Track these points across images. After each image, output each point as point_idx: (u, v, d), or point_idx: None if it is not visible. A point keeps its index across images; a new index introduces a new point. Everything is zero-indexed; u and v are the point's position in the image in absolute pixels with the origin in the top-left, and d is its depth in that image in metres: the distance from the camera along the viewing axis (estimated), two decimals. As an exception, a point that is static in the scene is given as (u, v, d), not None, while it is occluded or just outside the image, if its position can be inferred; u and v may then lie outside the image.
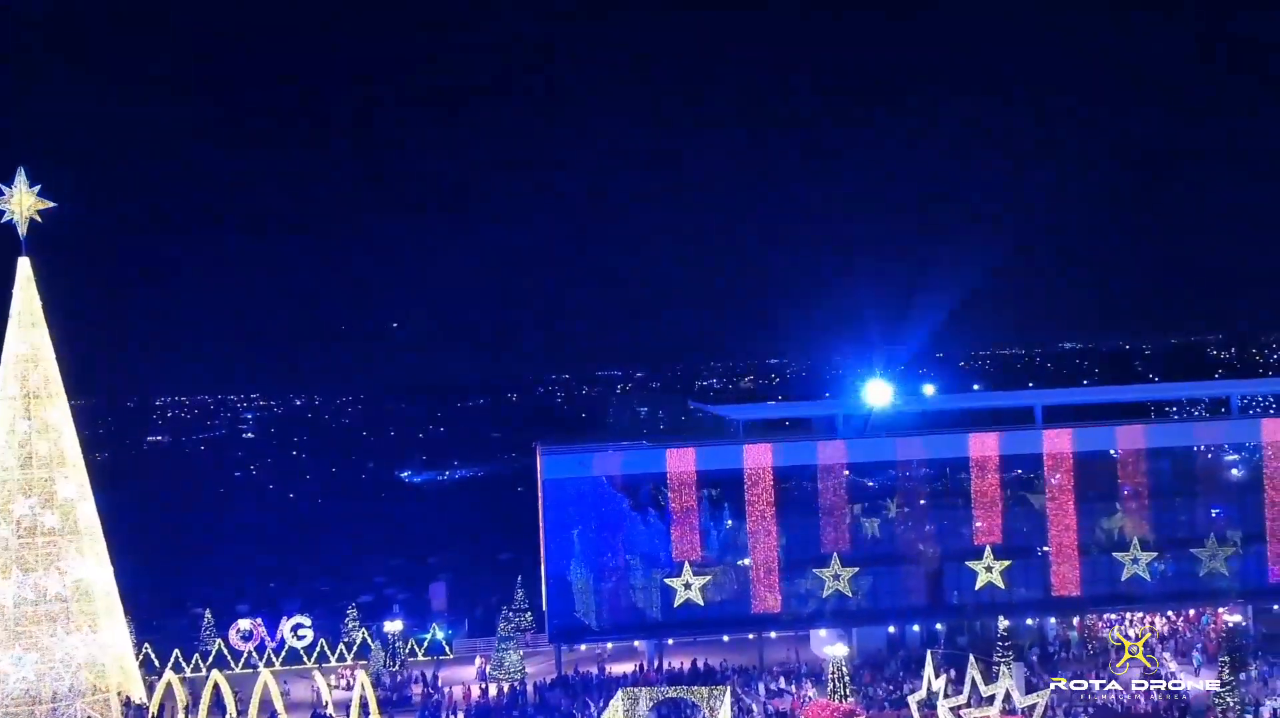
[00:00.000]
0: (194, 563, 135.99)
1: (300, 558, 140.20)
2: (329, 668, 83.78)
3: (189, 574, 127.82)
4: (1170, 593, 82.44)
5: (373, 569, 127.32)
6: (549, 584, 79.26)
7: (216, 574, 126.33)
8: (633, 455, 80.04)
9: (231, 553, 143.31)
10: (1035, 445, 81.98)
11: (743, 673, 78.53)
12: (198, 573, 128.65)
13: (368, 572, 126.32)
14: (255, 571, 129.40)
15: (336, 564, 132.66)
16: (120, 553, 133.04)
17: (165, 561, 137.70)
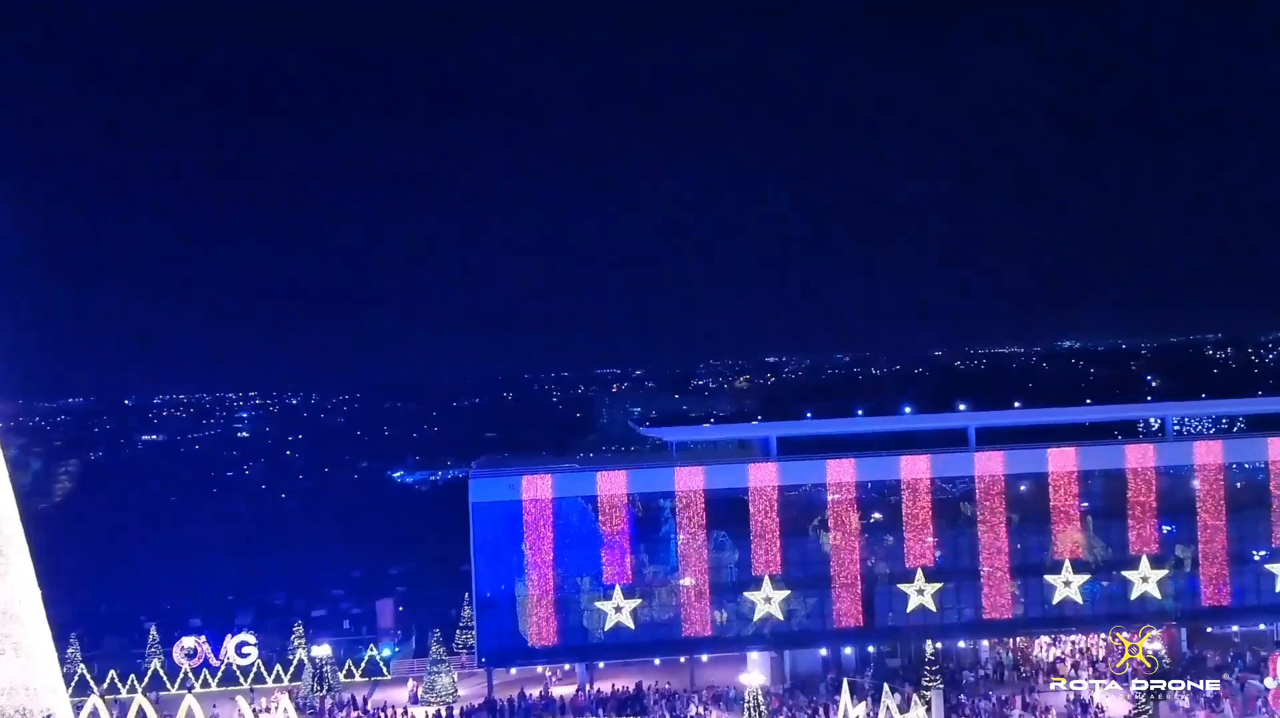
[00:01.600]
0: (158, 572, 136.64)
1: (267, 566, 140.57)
2: (266, 689, 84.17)
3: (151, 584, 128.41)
4: (1102, 616, 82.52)
5: (333, 580, 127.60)
6: (479, 607, 79.64)
7: (177, 585, 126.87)
8: (563, 478, 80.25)
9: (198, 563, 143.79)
10: (967, 468, 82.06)
11: (669, 699, 78.87)
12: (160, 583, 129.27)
13: (328, 583, 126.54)
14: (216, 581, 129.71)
15: (299, 575, 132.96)
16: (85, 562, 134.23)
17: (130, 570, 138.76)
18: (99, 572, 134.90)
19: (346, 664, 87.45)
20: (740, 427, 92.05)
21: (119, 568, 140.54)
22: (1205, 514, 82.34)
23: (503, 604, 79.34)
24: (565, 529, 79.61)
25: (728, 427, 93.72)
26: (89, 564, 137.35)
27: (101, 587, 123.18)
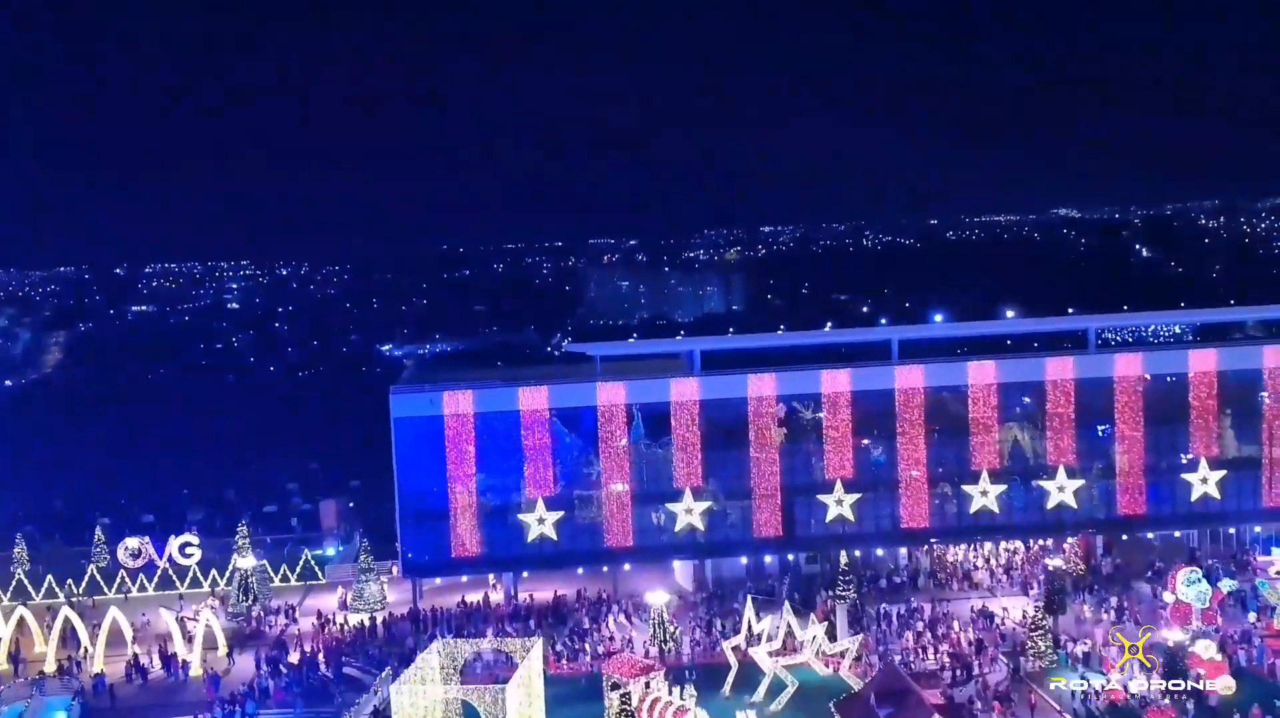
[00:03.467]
0: (122, 462, 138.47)
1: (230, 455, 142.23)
2: (203, 595, 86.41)
3: (112, 476, 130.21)
4: (1018, 525, 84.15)
5: (292, 472, 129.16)
6: (402, 520, 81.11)
7: (137, 476, 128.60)
8: (484, 394, 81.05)
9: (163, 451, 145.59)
10: (887, 381, 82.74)
11: (592, 607, 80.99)
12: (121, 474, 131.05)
13: (287, 474, 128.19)
14: (177, 472, 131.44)
15: (260, 464, 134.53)
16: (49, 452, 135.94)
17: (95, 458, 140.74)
18: (62, 461, 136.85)
19: (282, 569, 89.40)
20: (663, 342, 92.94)
21: (82, 456, 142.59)
22: (1123, 425, 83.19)
23: (426, 517, 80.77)
24: (487, 444, 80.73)
25: (651, 342, 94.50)
26: (52, 454, 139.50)
27: (60, 479, 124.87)
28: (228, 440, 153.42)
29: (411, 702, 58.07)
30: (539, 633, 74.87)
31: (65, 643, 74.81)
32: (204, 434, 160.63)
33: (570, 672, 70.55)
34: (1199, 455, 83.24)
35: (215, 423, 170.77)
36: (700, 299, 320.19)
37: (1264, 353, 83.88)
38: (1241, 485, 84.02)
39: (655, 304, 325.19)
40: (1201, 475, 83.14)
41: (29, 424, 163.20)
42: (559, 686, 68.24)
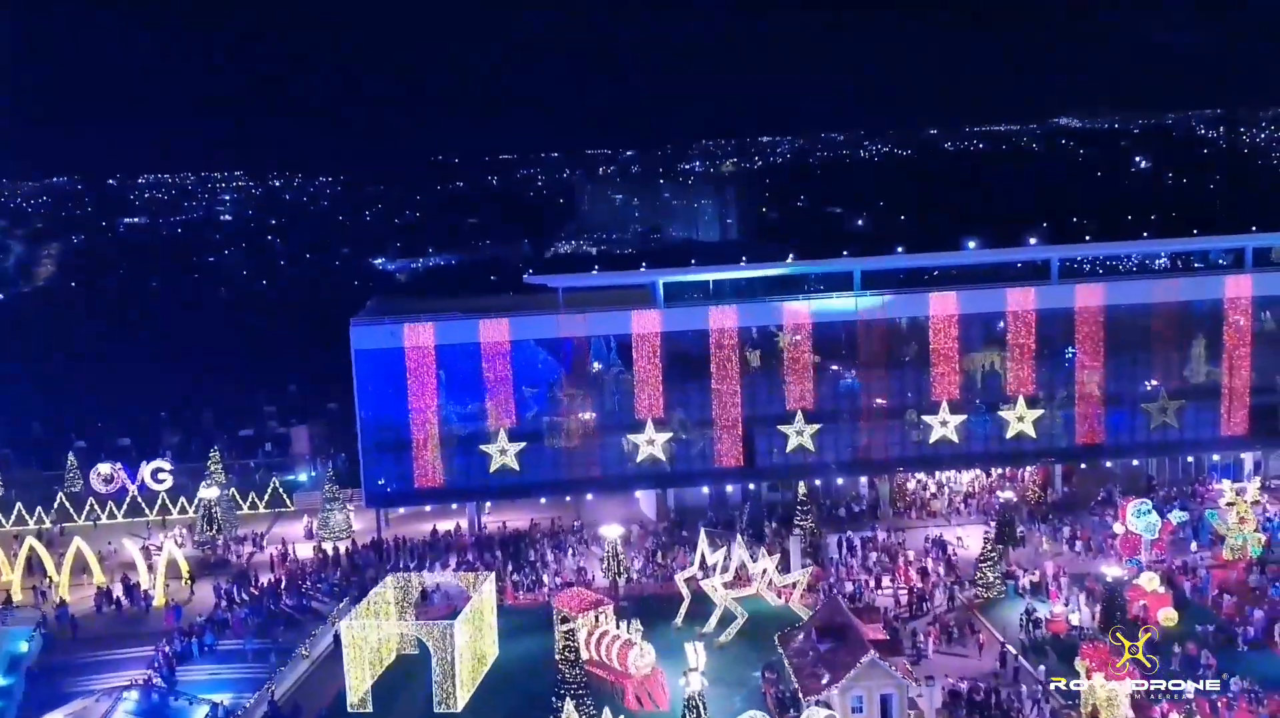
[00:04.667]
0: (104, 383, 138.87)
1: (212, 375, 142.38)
2: (174, 521, 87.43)
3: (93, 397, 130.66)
4: (977, 454, 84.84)
5: (271, 395, 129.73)
6: (364, 451, 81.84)
7: (116, 399, 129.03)
8: (445, 326, 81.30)
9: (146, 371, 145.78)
10: (850, 312, 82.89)
11: (555, 537, 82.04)
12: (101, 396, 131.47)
13: (263, 399, 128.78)
14: (157, 393, 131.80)
15: (240, 386, 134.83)
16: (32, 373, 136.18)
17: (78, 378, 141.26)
18: (44, 381, 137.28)
19: (250, 497, 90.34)
20: (626, 274, 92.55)
21: (65, 375, 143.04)
22: (1083, 355, 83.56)
23: (388, 448, 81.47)
24: (449, 376, 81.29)
25: (614, 274, 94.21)
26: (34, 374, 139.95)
27: (40, 401, 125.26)
28: (212, 359, 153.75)
29: (362, 637, 58.99)
30: (508, 562, 76.06)
31: (31, 572, 75.90)
32: (189, 352, 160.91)
33: (528, 603, 71.46)
34: (1159, 385, 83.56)
35: (201, 340, 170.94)
36: (694, 213, 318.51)
37: (1225, 283, 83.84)
38: (1200, 415, 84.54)
39: (649, 218, 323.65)
40: (1161, 405, 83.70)
41: (11, 342, 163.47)
42: (516, 616, 69.44)
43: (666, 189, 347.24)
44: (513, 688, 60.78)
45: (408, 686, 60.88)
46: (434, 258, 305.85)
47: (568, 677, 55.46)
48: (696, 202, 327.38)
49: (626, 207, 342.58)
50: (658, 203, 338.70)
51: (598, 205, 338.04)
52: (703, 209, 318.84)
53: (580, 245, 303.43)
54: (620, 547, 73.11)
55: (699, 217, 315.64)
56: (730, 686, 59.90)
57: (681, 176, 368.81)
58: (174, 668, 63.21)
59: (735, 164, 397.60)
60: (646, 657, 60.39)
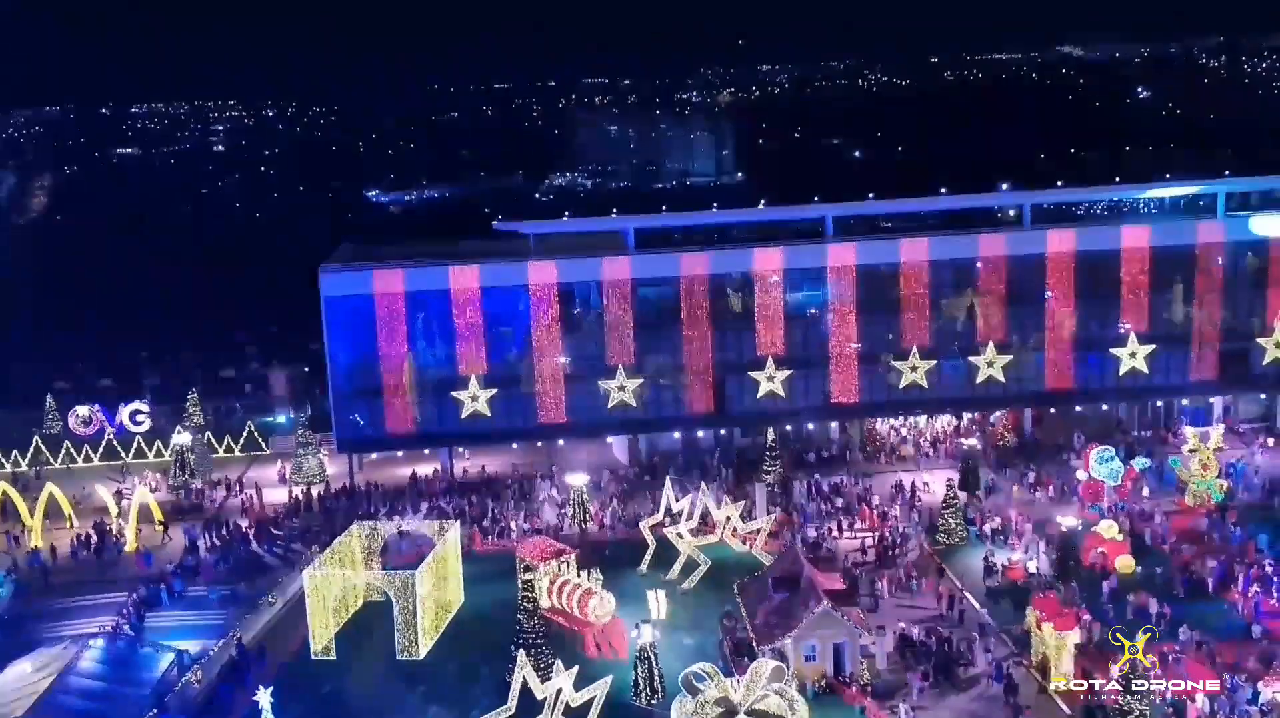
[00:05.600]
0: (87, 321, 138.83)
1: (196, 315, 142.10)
2: (152, 465, 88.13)
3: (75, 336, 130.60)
4: (947, 400, 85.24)
5: (252, 336, 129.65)
6: (335, 397, 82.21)
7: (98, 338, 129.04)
8: (415, 273, 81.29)
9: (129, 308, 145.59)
10: (820, 259, 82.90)
11: (526, 482, 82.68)
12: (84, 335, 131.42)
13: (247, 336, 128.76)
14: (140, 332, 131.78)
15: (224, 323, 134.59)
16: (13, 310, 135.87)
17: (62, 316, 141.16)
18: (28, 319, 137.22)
19: (226, 440, 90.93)
20: (596, 220, 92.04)
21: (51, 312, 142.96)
22: (1054, 301, 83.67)
23: (359, 394, 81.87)
24: (419, 322, 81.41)
25: (585, 220, 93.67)
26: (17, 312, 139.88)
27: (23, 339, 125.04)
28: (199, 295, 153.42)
29: (325, 586, 59.75)
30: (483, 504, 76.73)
31: (5, 517, 76.68)
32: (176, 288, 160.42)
33: (497, 549, 72.21)
34: (1128, 330, 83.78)
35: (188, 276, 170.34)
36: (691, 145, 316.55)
37: (1197, 228, 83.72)
38: (1170, 360, 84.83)
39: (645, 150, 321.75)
40: (1130, 350, 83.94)
41: None
42: (483, 563, 70.27)
43: (663, 120, 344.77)
44: (476, 635, 61.60)
45: (374, 632, 61.62)
46: (427, 190, 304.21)
47: (525, 627, 56.22)
48: (693, 133, 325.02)
49: (622, 138, 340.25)
50: (654, 134, 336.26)
51: (593, 137, 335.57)
52: (699, 141, 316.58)
53: (575, 178, 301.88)
54: (586, 494, 73.68)
55: (695, 148, 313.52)
56: (689, 633, 60.71)
57: (679, 107, 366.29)
58: (143, 615, 63.77)
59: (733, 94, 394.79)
60: (606, 606, 61.34)
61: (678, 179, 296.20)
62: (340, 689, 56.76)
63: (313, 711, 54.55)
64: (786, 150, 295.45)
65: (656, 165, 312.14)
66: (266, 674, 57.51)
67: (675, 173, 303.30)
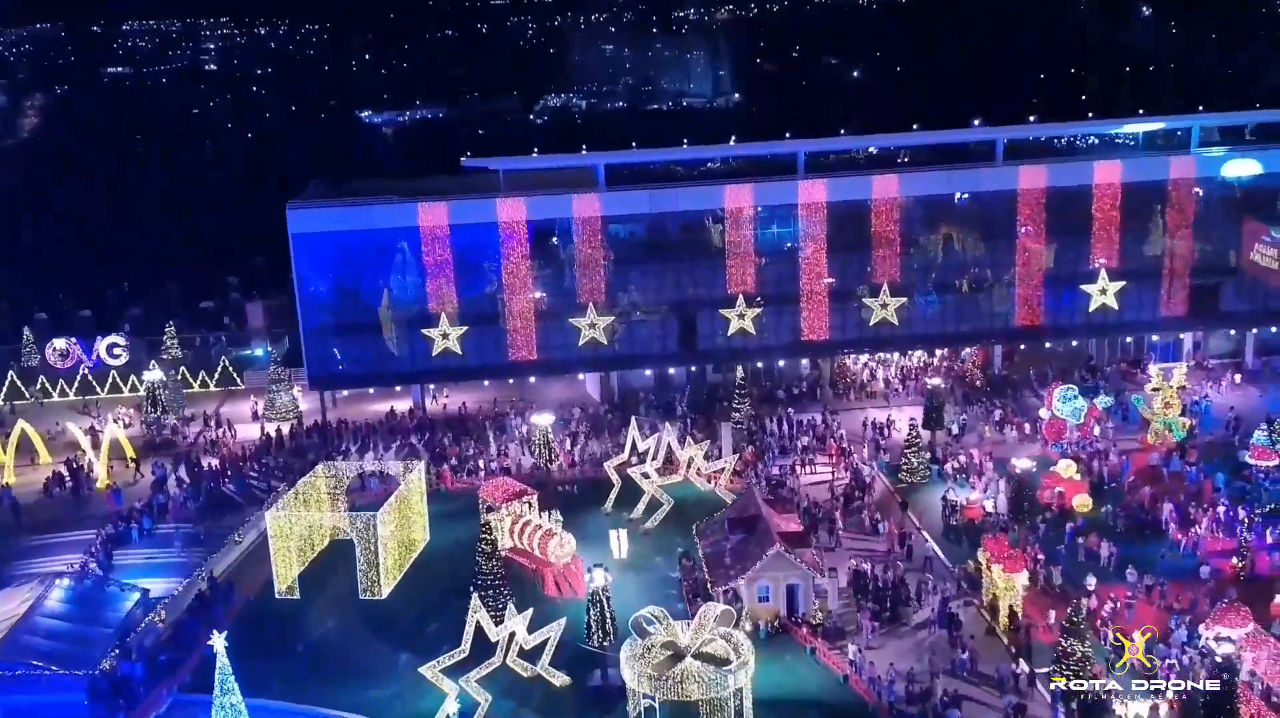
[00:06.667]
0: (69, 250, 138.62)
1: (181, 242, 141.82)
2: (127, 400, 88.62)
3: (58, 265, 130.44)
4: (918, 336, 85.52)
5: (237, 262, 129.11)
6: (305, 335, 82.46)
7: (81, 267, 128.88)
8: (383, 210, 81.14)
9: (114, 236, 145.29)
10: (791, 195, 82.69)
11: (498, 418, 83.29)
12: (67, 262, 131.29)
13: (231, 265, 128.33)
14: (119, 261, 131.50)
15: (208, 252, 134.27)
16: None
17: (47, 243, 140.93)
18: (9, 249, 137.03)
19: (201, 375, 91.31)
20: (566, 157, 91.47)
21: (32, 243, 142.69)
22: (1024, 237, 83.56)
23: (330, 331, 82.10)
24: (388, 260, 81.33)
25: (554, 157, 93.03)
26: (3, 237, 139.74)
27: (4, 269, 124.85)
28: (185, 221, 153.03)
29: (289, 527, 60.51)
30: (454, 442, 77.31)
31: (-23, 453, 77.26)
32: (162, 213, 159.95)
33: (465, 487, 72.85)
34: (1099, 267, 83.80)
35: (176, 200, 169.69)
36: (687, 65, 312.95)
37: (1169, 164, 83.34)
38: (1140, 296, 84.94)
39: (641, 70, 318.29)
40: (1100, 286, 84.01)
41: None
42: (450, 502, 71.06)
43: (660, 40, 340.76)
44: (439, 574, 62.42)
45: (338, 571, 62.41)
46: (420, 110, 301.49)
47: (483, 568, 56.98)
48: (690, 52, 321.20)
49: (618, 58, 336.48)
50: (650, 53, 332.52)
51: (589, 56, 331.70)
52: (695, 60, 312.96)
53: (570, 99, 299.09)
54: (550, 434, 74.25)
55: (692, 68, 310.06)
56: (650, 573, 61.61)
57: (675, 25, 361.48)
58: (111, 553, 64.60)
59: (731, 12, 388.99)
60: (566, 547, 62.15)
61: (673, 100, 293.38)
62: (302, 629, 57.66)
63: (273, 650, 55.42)
64: (784, 70, 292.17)
65: (653, 86, 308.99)
66: (232, 612, 58.52)
67: (671, 93, 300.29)
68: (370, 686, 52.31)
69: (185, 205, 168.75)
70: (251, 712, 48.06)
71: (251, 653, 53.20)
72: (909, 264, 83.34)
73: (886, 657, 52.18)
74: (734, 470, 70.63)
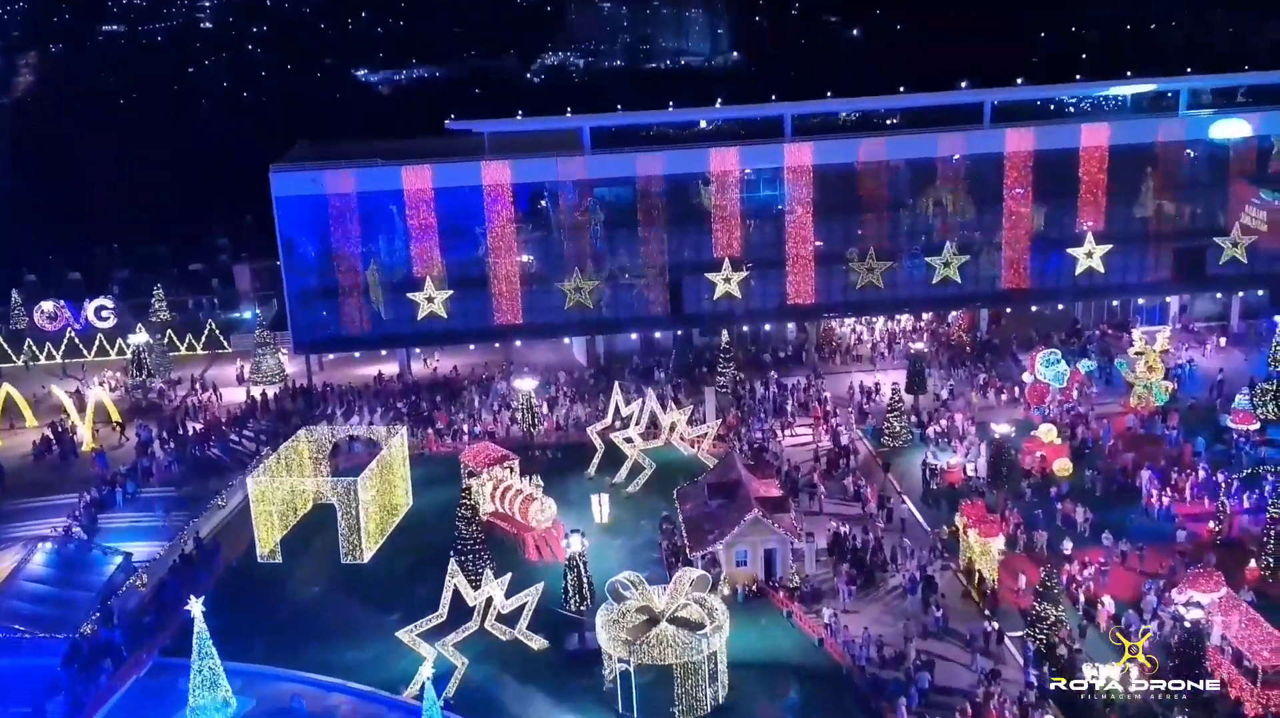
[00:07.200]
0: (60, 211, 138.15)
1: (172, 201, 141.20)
2: (112, 363, 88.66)
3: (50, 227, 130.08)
4: (903, 300, 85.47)
5: (226, 228, 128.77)
6: (290, 299, 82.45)
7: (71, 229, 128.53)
8: (367, 173, 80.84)
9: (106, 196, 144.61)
10: (777, 159, 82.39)
11: (484, 383, 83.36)
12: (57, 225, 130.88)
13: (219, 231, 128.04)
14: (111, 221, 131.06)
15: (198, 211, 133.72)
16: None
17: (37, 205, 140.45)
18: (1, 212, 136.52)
19: (188, 338, 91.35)
20: (551, 119, 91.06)
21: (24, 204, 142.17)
22: (1011, 200, 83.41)
23: (315, 295, 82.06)
24: (372, 223, 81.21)
25: (539, 119, 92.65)
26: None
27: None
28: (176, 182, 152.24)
29: (269, 491, 60.77)
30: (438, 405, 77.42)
31: (-34, 418, 77.46)
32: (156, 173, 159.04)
33: (449, 451, 72.99)
34: (1086, 230, 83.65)
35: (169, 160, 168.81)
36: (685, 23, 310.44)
37: (1158, 126, 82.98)
38: (1126, 259, 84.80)
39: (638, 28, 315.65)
40: (1086, 250, 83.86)
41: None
42: (436, 465, 71.26)
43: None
44: (422, 538, 62.67)
45: (321, 535, 62.72)
46: (418, 69, 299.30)
47: (463, 533, 57.27)
48: (688, 10, 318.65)
49: (615, 16, 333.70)
50: (648, 11, 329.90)
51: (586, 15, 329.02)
52: (693, 19, 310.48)
53: (567, 57, 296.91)
54: (534, 399, 74.38)
55: (690, 27, 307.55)
56: (631, 537, 61.97)
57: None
58: (95, 517, 64.89)
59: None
60: (547, 511, 62.45)
61: (672, 58, 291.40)
62: (283, 593, 58.06)
63: (255, 613, 55.83)
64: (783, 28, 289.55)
65: (650, 44, 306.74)
66: (215, 575, 58.96)
67: (670, 52, 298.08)
68: (350, 648, 52.67)
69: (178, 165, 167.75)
70: (231, 676, 48.73)
71: (233, 616, 53.78)
72: (895, 228, 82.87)
73: (862, 621, 52.47)
74: (717, 435, 70.66)
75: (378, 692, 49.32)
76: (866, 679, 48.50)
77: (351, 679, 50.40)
